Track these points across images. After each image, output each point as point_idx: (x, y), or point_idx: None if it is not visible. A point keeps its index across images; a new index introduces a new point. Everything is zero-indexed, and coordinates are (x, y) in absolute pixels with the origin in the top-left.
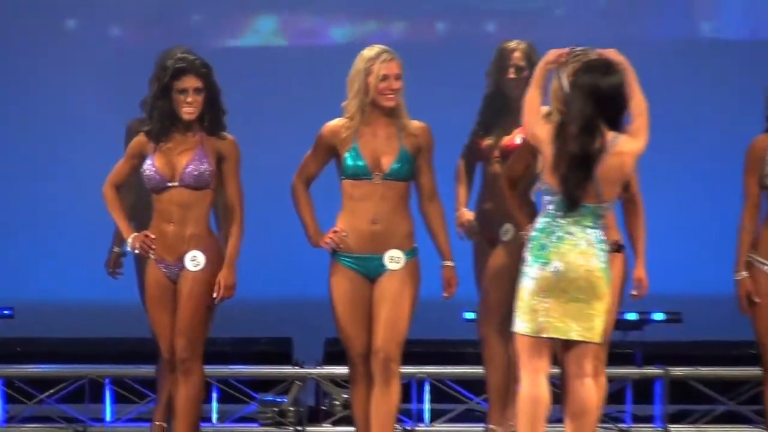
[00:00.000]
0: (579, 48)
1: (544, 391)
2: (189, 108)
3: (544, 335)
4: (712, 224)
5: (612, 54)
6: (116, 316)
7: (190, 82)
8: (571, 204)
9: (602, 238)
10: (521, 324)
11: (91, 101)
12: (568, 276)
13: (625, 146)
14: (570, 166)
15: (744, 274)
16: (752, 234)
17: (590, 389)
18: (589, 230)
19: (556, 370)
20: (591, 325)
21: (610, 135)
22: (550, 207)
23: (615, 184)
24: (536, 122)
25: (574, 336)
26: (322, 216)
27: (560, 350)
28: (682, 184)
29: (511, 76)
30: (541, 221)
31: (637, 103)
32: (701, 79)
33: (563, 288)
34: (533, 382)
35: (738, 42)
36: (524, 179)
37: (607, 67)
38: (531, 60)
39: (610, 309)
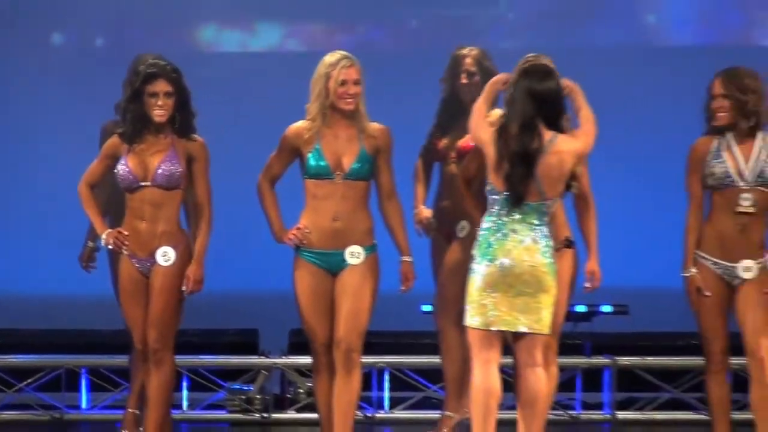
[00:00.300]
0: (532, 54)
1: (496, 381)
2: (160, 111)
3: (494, 328)
4: (656, 222)
5: (565, 82)
6: (91, 309)
7: (161, 86)
8: (516, 201)
9: (547, 234)
10: (472, 318)
11: (73, 104)
12: (513, 271)
13: (563, 145)
14: (512, 164)
15: (693, 270)
16: (698, 232)
17: (541, 378)
18: (534, 227)
19: (509, 360)
20: (539, 317)
21: (549, 135)
22: (495, 206)
23: (556, 181)
24: (480, 126)
25: (523, 328)
26: (287, 214)
27: (512, 341)
28: (628, 184)
29: (464, 81)
30: (487, 220)
31: (585, 114)
32: (648, 81)
33: (510, 283)
34: (485, 373)
35: (682, 47)
36: (478, 179)
37: (545, 72)
38: (482, 65)
39: (561, 302)
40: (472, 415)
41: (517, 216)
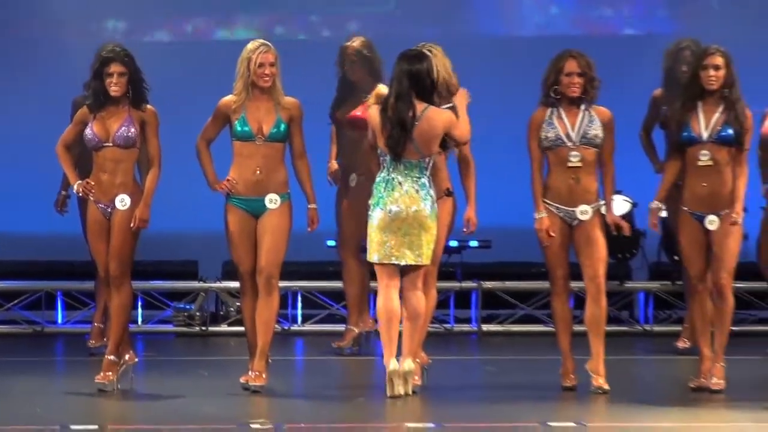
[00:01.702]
0: (429, 44)
1: (396, 302)
2: (114, 87)
3: (387, 261)
4: (512, 173)
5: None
6: (64, 244)
7: (115, 68)
8: (397, 159)
9: (427, 185)
10: (373, 255)
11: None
12: (400, 216)
13: (434, 115)
14: (391, 128)
15: (543, 213)
16: (541, 184)
17: (421, 299)
18: (416, 179)
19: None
20: (420, 252)
21: (422, 106)
22: (384, 164)
23: (429, 143)
24: (372, 111)
25: (409, 261)
26: (219, 168)
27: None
28: (492, 147)
29: (346, 66)
30: (379, 176)
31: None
32: (508, 66)
33: (398, 225)
34: (386, 296)
35: (531, 38)
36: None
37: (415, 56)
38: (362, 53)
39: (440, 239)
40: (380, 327)
41: (401, 171)
